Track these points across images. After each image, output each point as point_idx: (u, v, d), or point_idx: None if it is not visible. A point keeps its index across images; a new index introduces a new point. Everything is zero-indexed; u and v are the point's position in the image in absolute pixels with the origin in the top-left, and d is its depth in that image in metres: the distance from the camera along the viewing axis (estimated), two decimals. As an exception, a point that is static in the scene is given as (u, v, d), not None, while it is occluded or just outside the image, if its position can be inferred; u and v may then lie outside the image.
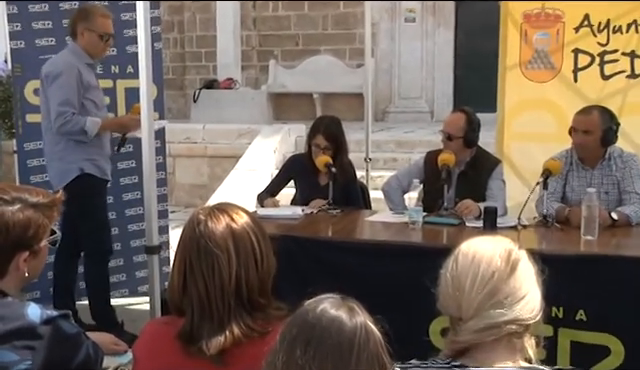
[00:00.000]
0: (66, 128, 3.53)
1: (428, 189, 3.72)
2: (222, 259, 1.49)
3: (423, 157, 3.90)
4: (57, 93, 3.51)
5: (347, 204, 3.87)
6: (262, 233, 1.55)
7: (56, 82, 3.52)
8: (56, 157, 3.64)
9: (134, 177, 4.29)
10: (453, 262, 1.40)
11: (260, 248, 1.52)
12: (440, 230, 3.31)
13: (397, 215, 3.58)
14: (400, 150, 7.58)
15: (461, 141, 3.63)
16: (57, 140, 3.62)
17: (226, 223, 1.51)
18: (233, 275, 1.48)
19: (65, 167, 3.62)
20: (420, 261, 2.79)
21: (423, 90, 10.54)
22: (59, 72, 3.52)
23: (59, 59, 3.61)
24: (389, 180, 3.94)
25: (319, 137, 3.81)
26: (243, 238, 1.50)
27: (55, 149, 3.64)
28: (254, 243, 1.51)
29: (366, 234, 3.48)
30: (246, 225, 1.53)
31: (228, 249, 1.49)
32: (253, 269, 1.50)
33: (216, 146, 7.85)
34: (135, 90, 3.07)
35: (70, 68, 3.53)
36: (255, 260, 1.51)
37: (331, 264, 3.08)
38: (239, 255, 1.49)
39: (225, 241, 1.50)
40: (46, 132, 3.68)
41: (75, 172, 3.61)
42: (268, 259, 1.53)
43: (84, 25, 3.60)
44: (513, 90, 4.47)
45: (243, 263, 1.49)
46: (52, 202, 1.63)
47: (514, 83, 4.45)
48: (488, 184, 3.65)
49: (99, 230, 3.70)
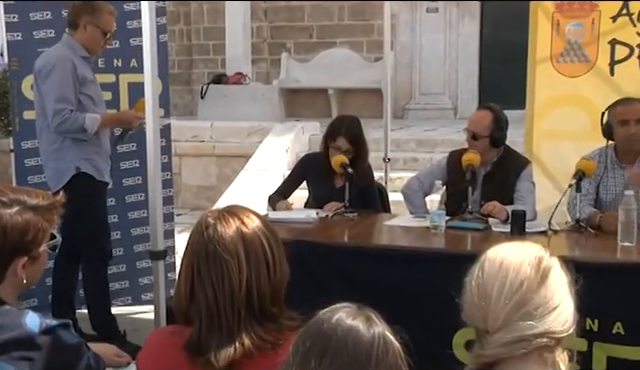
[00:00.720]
0: (64, 126, 3.53)
1: (451, 191, 3.71)
2: (232, 265, 1.49)
3: (446, 157, 3.88)
4: (53, 89, 3.50)
5: (364, 207, 3.87)
6: (274, 238, 1.55)
7: (50, 77, 3.51)
8: (52, 157, 3.65)
9: (138, 178, 4.32)
10: (479, 270, 1.39)
11: (272, 254, 1.52)
12: (464, 235, 3.30)
13: (418, 219, 3.57)
14: (421, 149, 7.56)
15: (487, 140, 3.62)
16: (53, 139, 3.62)
17: (236, 227, 1.52)
18: (244, 282, 1.48)
19: (61, 167, 3.62)
20: (443, 268, 2.78)
21: (446, 85, 10.50)
22: (52, 66, 3.52)
23: (51, 53, 3.61)
24: (409, 182, 3.93)
25: (341, 139, 3.81)
26: (254, 243, 1.51)
27: (51, 149, 3.64)
28: (266, 248, 1.51)
29: (385, 239, 3.47)
30: (257, 229, 1.53)
31: (238, 254, 1.49)
32: (265, 276, 1.50)
33: (225, 145, 7.88)
34: (139, 85, 3.09)
35: (64, 61, 3.52)
36: (267, 266, 1.51)
37: (347, 271, 3.07)
38: (250, 261, 1.49)
39: (235, 246, 1.50)
40: (41, 131, 3.68)
41: (71, 172, 3.61)
42: (281, 265, 1.53)
43: (89, 19, 3.63)
44: (543, 85, 4.44)
45: (254, 269, 1.49)
46: (52, 204, 1.64)
47: (545, 78, 4.42)
48: (516, 186, 3.64)
49: (98, 234, 3.71)
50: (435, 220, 3.28)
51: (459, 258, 2.61)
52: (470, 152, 3.60)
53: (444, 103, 10.51)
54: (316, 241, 3.18)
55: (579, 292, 1.39)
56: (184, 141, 7.83)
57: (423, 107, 10.53)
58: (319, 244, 3.15)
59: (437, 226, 3.27)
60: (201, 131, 8.05)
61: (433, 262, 2.97)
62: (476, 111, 3.80)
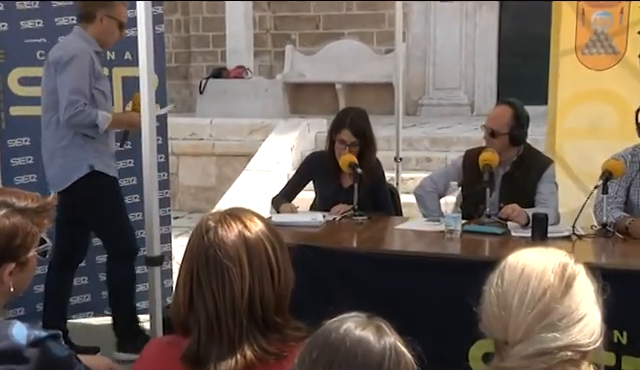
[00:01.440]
0: (77, 119, 3.58)
1: (467, 193, 3.71)
2: (233, 272, 1.49)
3: (461, 156, 3.88)
4: (68, 80, 3.57)
5: (374, 210, 3.87)
6: (279, 243, 1.55)
7: (67, 69, 3.58)
8: (59, 154, 3.70)
9: (132, 178, 4.32)
10: (498, 277, 1.39)
11: (277, 260, 1.52)
12: (482, 240, 3.29)
13: (432, 223, 3.57)
14: (435, 148, 7.55)
15: (506, 138, 3.61)
16: (61, 135, 3.67)
17: (238, 231, 1.52)
18: (246, 290, 1.48)
19: (71, 164, 3.67)
20: (459, 276, 2.77)
21: (462, 80, 10.49)
22: (71, 57, 3.59)
23: (70, 44, 3.68)
24: (422, 183, 3.92)
25: (345, 132, 3.81)
26: (258, 248, 1.51)
27: (58, 145, 3.69)
28: (270, 254, 1.51)
29: (396, 244, 3.47)
30: (261, 233, 1.53)
31: (240, 260, 1.49)
32: (269, 284, 1.50)
33: (225, 143, 7.89)
34: (134, 80, 3.09)
35: (83, 55, 3.61)
36: (271, 273, 1.51)
37: (356, 278, 3.07)
38: (253, 267, 1.49)
39: (237, 251, 1.50)
40: (47, 126, 3.73)
41: (84, 169, 3.68)
42: (286, 273, 1.53)
43: (105, 11, 3.72)
44: (567, 79, 4.42)
45: (257, 277, 1.49)
46: (42, 207, 1.64)
47: (569, 71, 4.40)
48: (538, 188, 3.63)
49: (122, 230, 3.80)
50: (450, 224, 3.28)
51: (476, 265, 2.61)
52: (488, 151, 3.59)
53: (460, 99, 10.49)
54: (323, 246, 3.18)
55: (606, 302, 1.39)
56: (182, 139, 7.84)
57: (437, 103, 10.52)
58: (326, 249, 3.15)
59: (452, 230, 3.27)
60: (200, 128, 8.06)
61: (448, 269, 2.97)
62: (495, 107, 3.80)
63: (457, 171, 3.82)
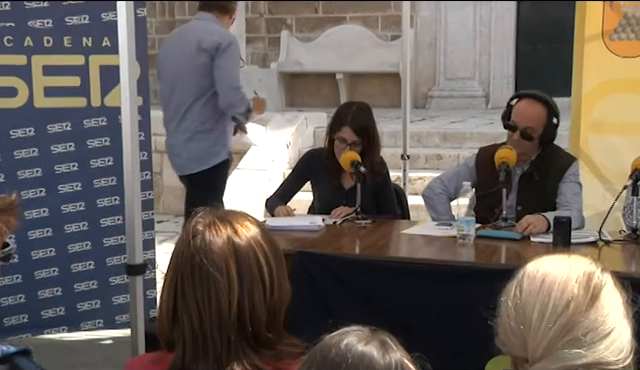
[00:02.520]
0: (238, 105, 4.25)
1: (482, 194, 3.71)
2: (220, 282, 1.48)
3: (475, 154, 3.88)
4: (230, 66, 4.21)
5: (379, 213, 3.87)
6: (274, 251, 1.54)
7: (227, 54, 4.20)
8: (200, 136, 4.28)
9: (112, 178, 4.32)
10: (516, 288, 1.38)
11: (270, 270, 1.51)
12: (497, 246, 3.29)
13: (442, 227, 3.57)
14: (446, 145, 7.56)
15: (538, 140, 3.61)
16: (206, 117, 4.26)
17: (227, 237, 1.51)
18: (234, 303, 1.48)
19: (213, 149, 4.28)
20: (472, 286, 2.77)
21: (476, 69, 10.50)
22: (229, 44, 4.22)
23: (221, 30, 4.31)
24: (432, 183, 3.92)
25: (345, 130, 3.81)
26: (248, 257, 1.50)
27: (202, 128, 4.28)
28: (262, 264, 1.50)
29: (403, 251, 3.47)
30: (253, 240, 1.52)
31: (229, 270, 1.49)
32: (260, 296, 1.49)
33: (214, 139, 7.88)
34: (113, 69, 3.09)
35: (236, 42, 4.29)
36: (263, 285, 1.50)
37: (359, 288, 3.08)
38: (242, 278, 1.48)
39: (225, 260, 1.49)
40: (191, 107, 4.32)
41: (223, 156, 4.33)
42: (280, 285, 1.53)
43: (235, 6, 4.32)
44: (593, 67, 4.42)
45: (247, 289, 1.48)
46: (8, 206, 1.63)
47: (595, 58, 4.40)
48: (560, 188, 3.63)
49: None
50: (463, 228, 3.28)
51: (491, 274, 2.60)
52: (504, 148, 3.59)
53: (474, 90, 10.50)
54: (322, 252, 3.18)
55: (637, 315, 1.38)
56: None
57: (449, 94, 10.53)
58: (326, 256, 3.16)
59: (465, 235, 3.27)
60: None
61: (461, 278, 2.97)
62: (526, 103, 3.63)
63: (470, 170, 3.82)
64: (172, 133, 4.51)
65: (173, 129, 4.47)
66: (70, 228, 4.18)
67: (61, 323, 4.39)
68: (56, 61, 4.06)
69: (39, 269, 4.16)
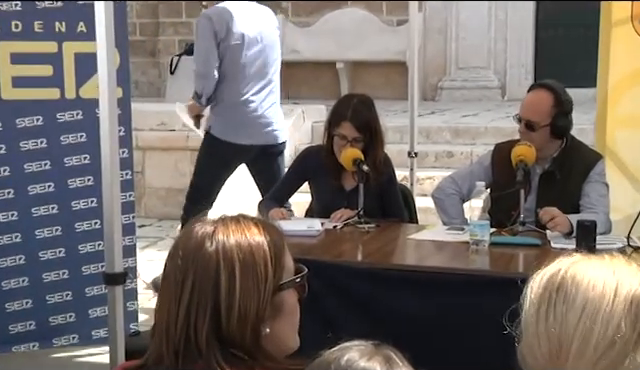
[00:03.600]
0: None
1: (497, 196, 3.71)
2: (172, 288, 1.50)
3: (490, 152, 3.89)
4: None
5: (383, 216, 3.88)
6: (251, 272, 1.49)
7: None
8: (279, 114, 5.23)
9: (88, 178, 4.32)
10: (550, 306, 1.28)
11: (230, 293, 1.47)
12: (515, 254, 3.30)
13: (453, 232, 3.57)
14: (458, 141, 7.56)
15: (547, 130, 3.62)
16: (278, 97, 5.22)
17: (198, 241, 1.51)
18: (181, 317, 1.48)
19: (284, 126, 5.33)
20: (487, 297, 2.78)
21: (491, 57, 10.50)
22: None
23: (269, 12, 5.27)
24: (442, 183, 3.93)
25: (345, 125, 3.82)
26: (207, 270, 1.48)
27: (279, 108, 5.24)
28: (221, 282, 1.47)
29: (410, 258, 3.47)
30: (222, 251, 1.49)
31: (184, 279, 1.49)
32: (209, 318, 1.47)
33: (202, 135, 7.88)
34: (89, 57, 3.09)
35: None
36: (214, 307, 1.47)
37: (361, 299, 3.08)
38: (194, 292, 1.49)
39: (186, 267, 1.50)
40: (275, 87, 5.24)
41: (286, 136, 5.27)
42: (245, 314, 1.47)
43: None
44: (621, 55, 4.42)
45: (195, 306, 1.48)
46: None
47: (623, 45, 4.40)
48: (584, 189, 3.64)
49: None
50: (476, 233, 3.28)
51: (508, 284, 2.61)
52: (522, 144, 3.60)
53: (488, 80, 10.50)
54: (321, 260, 3.18)
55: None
56: (149, 130, 7.84)
57: (461, 85, 10.53)
58: (325, 264, 3.16)
59: (479, 241, 3.27)
60: (171, 117, 8.04)
61: (474, 288, 2.98)
62: (531, 92, 3.79)
63: (485, 169, 3.82)
64: (261, 101, 5.09)
65: (263, 97, 5.09)
66: (42, 233, 4.18)
67: (31, 339, 4.39)
68: (26, 48, 4.06)
69: (7, 279, 4.16)
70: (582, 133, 3.91)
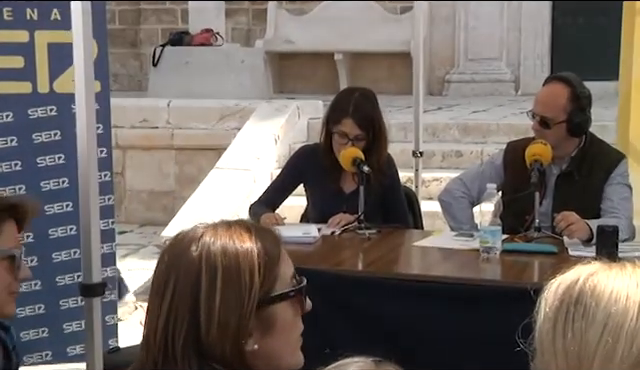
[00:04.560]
0: None
1: (510, 199, 3.71)
2: (155, 295, 1.52)
3: (502, 151, 3.90)
4: None
5: (386, 221, 3.88)
6: (232, 279, 1.49)
7: None
8: None
9: (63, 180, 4.31)
10: (567, 321, 1.28)
11: (210, 302, 1.47)
12: (529, 262, 3.30)
13: (462, 238, 3.58)
14: (467, 139, 7.56)
15: (563, 127, 3.63)
16: None
17: (185, 247, 1.52)
18: (160, 326, 1.50)
19: None
20: (498, 309, 2.79)
21: (503, 48, 10.51)
22: None
23: None
24: (450, 185, 3.94)
25: (346, 122, 3.82)
26: (188, 276, 1.49)
27: None
28: (201, 289, 1.48)
29: (415, 267, 3.48)
30: (206, 256, 1.50)
31: (166, 285, 1.50)
32: (187, 326, 1.48)
33: (188, 133, 7.89)
34: (64, 47, 3.08)
35: None
36: (193, 315, 1.47)
37: (361, 312, 3.09)
38: (175, 299, 1.50)
39: (168, 273, 1.51)
40: None
41: None
42: (226, 325, 1.48)
43: None
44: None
45: (174, 313, 1.49)
46: None
47: (647, 34, 4.41)
48: (605, 192, 3.64)
49: None
50: (487, 240, 3.29)
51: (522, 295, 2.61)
52: (537, 143, 3.60)
53: (501, 73, 10.52)
54: (318, 269, 3.17)
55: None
56: (130, 127, 7.84)
57: (470, 79, 10.55)
58: (322, 274, 3.16)
59: (490, 248, 3.27)
60: (153, 113, 8.06)
61: (485, 300, 2.98)
62: (546, 85, 3.80)
63: (496, 170, 3.83)
64: None
65: None
66: (12, 240, 4.17)
67: (1, 355, 4.39)
68: (-6, 38, 4.06)
69: (-26, 290, 4.16)
70: (603, 130, 3.92)
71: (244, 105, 7.97)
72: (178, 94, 8.36)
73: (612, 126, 4.54)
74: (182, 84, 8.68)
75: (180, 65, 8.99)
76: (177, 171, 7.89)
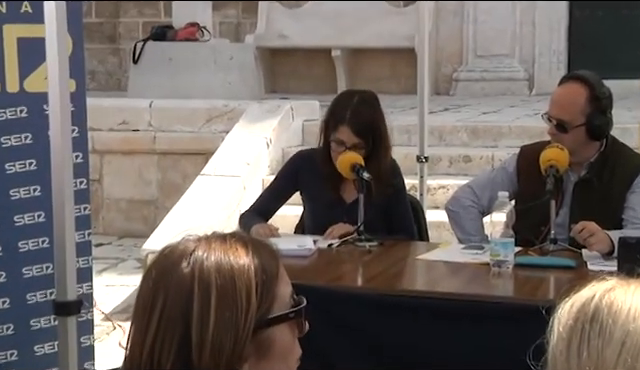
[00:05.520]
0: None
1: (524, 208, 3.72)
2: (140, 314, 1.51)
3: (515, 156, 3.90)
4: None
5: (389, 232, 3.88)
6: (228, 297, 1.49)
7: None
8: None
9: (34, 188, 4.31)
10: (582, 341, 1.29)
11: (202, 325, 1.47)
12: (544, 277, 3.30)
13: (471, 251, 3.58)
14: (477, 143, 7.57)
15: (582, 132, 3.63)
16: None
17: (175, 261, 1.52)
18: (146, 349, 1.49)
19: None
20: (511, 328, 2.78)
21: (516, 43, 10.53)
22: None
23: None
24: (458, 193, 3.95)
25: (343, 130, 3.82)
26: (179, 294, 1.49)
27: None
28: (193, 311, 1.47)
29: (420, 282, 3.48)
30: (199, 274, 1.49)
31: (153, 305, 1.49)
32: (179, 345, 1.48)
33: (171, 136, 7.89)
34: (36, 43, 3.08)
35: None
36: (184, 334, 1.47)
37: (362, 331, 3.08)
38: (163, 319, 1.50)
39: (155, 290, 1.50)
40: None
41: None
42: (221, 343, 1.48)
43: None
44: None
45: (161, 334, 1.49)
46: None
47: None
48: (627, 200, 3.65)
49: None
50: (498, 253, 3.29)
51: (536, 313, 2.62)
52: (553, 147, 3.60)
53: (513, 70, 10.53)
54: (314, 285, 3.17)
55: None
56: (108, 130, 7.84)
57: (480, 77, 10.56)
58: (319, 290, 3.15)
59: (502, 262, 3.27)
60: (134, 114, 8.06)
61: (496, 319, 2.98)
62: (561, 85, 3.81)
63: (509, 176, 3.83)
64: None
65: None
66: (-22, 254, 4.17)
67: None
68: (-41, 32, 4.06)
69: (-63, 308, 4.16)
70: (625, 133, 3.92)
71: (233, 106, 7.97)
72: (161, 94, 8.36)
73: (634, 129, 4.55)
74: (165, 83, 8.68)
75: (163, 62, 8.99)
76: (160, 178, 7.88)
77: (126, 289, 5.82)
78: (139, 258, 6.26)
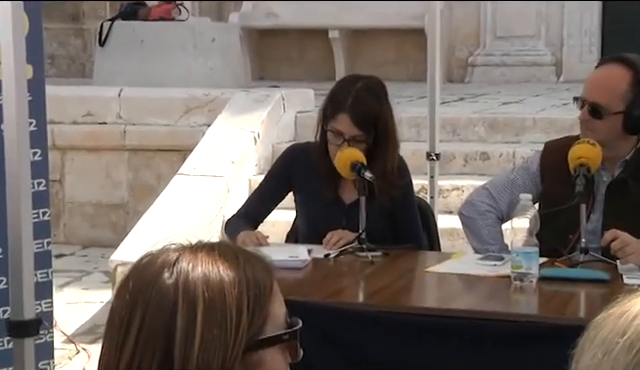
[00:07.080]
0: None
1: (549, 213, 3.72)
2: (115, 330, 1.52)
3: (539, 153, 3.91)
4: None
5: (394, 241, 3.90)
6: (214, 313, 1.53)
7: None
8: None
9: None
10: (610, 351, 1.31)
11: (189, 337, 1.49)
12: (573, 292, 3.31)
13: (489, 262, 3.59)
14: (495, 138, 7.58)
15: (619, 121, 3.63)
16: None
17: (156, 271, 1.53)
18: (122, 366, 1.50)
19: None
20: (534, 350, 2.79)
21: (541, 23, 10.54)
22: None
23: None
24: (474, 196, 3.96)
25: (342, 118, 3.82)
26: (161, 308, 1.50)
27: None
28: (177, 324, 1.49)
29: (430, 298, 3.49)
30: (183, 286, 1.51)
31: (131, 317, 1.51)
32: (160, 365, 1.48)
33: (144, 130, 7.89)
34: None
35: None
36: (166, 352, 1.49)
37: (363, 353, 3.09)
38: (142, 333, 1.51)
39: (134, 302, 1.51)
40: None
41: None
42: (207, 364, 1.49)
43: None
44: None
45: (141, 350, 1.50)
46: None
47: None
48: (667, 204, 3.66)
49: None
50: (520, 264, 3.30)
51: (564, 333, 2.62)
52: (584, 143, 3.61)
53: (538, 54, 10.55)
54: (308, 301, 3.18)
55: None
56: (70, 123, 7.84)
57: (500, 61, 10.57)
58: (314, 306, 3.17)
59: (524, 275, 3.28)
60: (100, 105, 8.06)
61: (517, 339, 2.99)
62: (600, 67, 3.80)
63: (531, 177, 3.84)
64: None
65: None
66: None
67: None
68: None
69: None
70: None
71: (215, 95, 7.97)
72: (131, 81, 8.36)
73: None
74: (136, 69, 8.69)
75: (134, 45, 8.99)
76: (130, 178, 7.88)
77: (91, 306, 5.81)
78: (106, 271, 6.25)
